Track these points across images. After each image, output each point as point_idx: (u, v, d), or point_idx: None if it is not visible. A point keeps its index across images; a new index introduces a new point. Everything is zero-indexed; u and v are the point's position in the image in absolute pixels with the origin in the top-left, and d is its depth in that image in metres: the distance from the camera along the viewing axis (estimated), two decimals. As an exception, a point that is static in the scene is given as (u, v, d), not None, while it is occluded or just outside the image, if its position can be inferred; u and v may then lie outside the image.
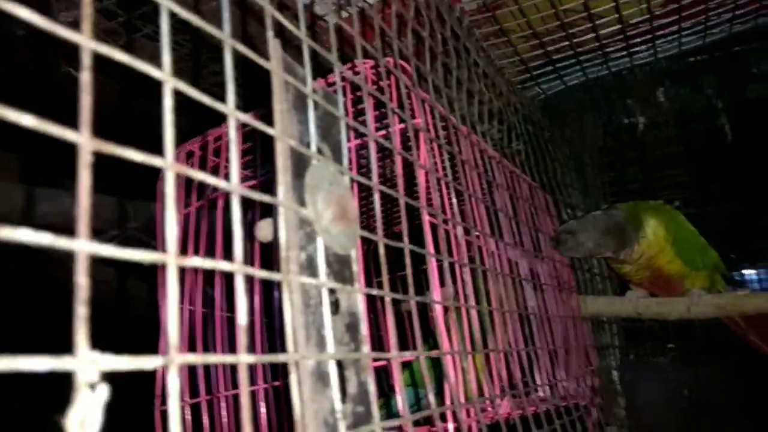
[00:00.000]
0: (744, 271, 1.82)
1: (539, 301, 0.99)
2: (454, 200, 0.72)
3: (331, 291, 0.42)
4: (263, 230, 0.44)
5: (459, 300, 0.70)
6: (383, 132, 0.75)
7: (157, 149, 0.28)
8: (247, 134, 0.83)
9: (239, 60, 0.35)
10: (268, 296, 0.91)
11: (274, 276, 0.35)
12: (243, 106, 0.88)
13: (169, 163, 0.28)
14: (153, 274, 0.80)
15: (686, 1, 1.27)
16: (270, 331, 0.89)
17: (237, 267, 0.32)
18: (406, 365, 1.18)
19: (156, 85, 0.30)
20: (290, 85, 0.42)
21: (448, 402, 0.63)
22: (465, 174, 0.80)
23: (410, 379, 1.16)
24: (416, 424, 0.66)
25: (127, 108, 1.32)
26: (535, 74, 1.57)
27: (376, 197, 0.51)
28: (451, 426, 0.59)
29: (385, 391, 1.09)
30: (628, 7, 1.28)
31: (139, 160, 0.27)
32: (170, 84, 0.30)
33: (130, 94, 1.32)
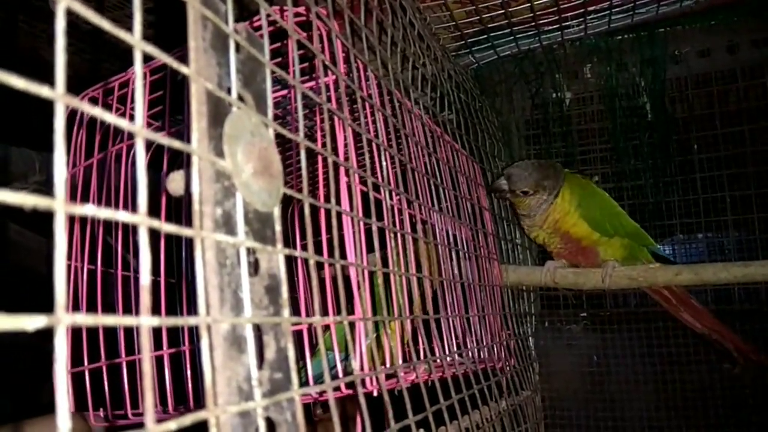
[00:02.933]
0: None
1: (470, 269, 0.99)
2: (387, 165, 0.70)
3: (251, 251, 0.39)
4: (175, 182, 0.40)
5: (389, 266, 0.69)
6: (311, 84, 0.72)
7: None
8: (159, 82, 0.77)
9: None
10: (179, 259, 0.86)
11: (184, 231, 0.32)
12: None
13: (59, 94, 0.24)
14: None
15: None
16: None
17: (140, 218, 0.29)
18: (326, 329, 1.16)
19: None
20: (209, 20, 0.38)
21: (365, 366, 0.62)
22: (403, 141, 0.78)
23: (329, 342, 1.15)
24: (337, 388, 0.65)
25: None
26: (470, 42, 1.56)
27: (303, 154, 0.48)
28: (361, 390, 0.58)
29: (300, 356, 1.07)
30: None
31: (20, 87, 0.23)
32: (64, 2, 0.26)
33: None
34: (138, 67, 0.30)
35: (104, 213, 0.26)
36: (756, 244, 1.60)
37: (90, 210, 0.25)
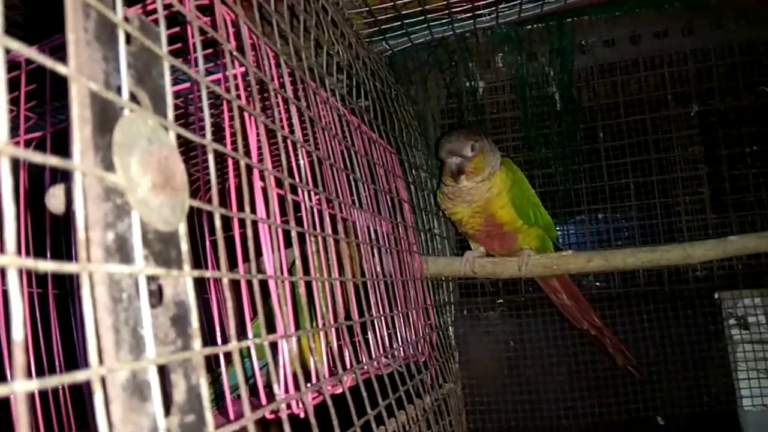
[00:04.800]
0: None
1: (392, 264, 0.97)
2: (304, 163, 0.65)
3: (152, 278, 0.34)
4: (55, 198, 0.34)
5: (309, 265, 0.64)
6: (217, 76, 0.65)
7: None
8: (36, 72, 0.67)
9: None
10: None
11: (65, 268, 0.26)
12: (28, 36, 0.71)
13: None
14: None
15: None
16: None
17: (7, 259, 0.23)
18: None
19: None
20: (92, 8, 0.31)
21: (289, 387, 0.58)
22: (320, 134, 0.73)
23: (245, 350, 1.09)
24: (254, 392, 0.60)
25: None
26: (383, 28, 1.52)
27: (211, 159, 0.43)
28: (285, 416, 0.54)
29: (213, 366, 1.00)
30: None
31: None
32: None
33: None
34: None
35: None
36: (658, 228, 1.69)
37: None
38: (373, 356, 0.81)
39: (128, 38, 0.35)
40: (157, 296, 0.34)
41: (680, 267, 1.58)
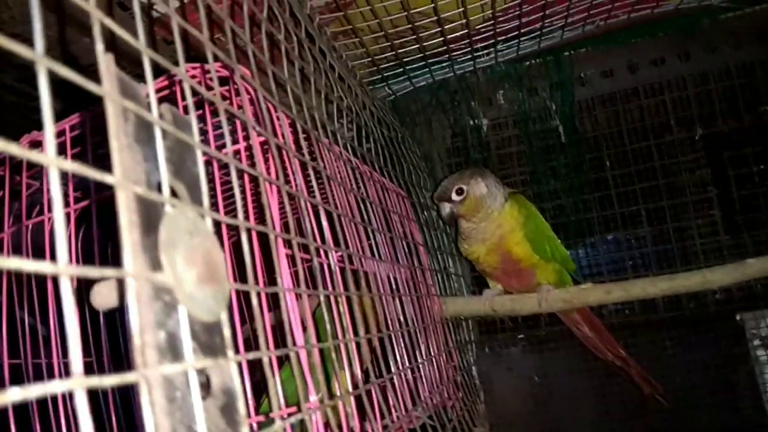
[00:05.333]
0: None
1: (413, 311, 0.97)
2: (325, 224, 0.66)
3: (200, 371, 0.34)
4: (101, 296, 0.34)
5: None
6: (236, 147, 0.67)
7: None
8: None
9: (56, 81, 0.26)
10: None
11: (126, 379, 0.26)
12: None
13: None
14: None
15: (526, 9, 1.33)
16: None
17: (76, 382, 0.23)
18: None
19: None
20: (130, 112, 0.33)
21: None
22: (333, 192, 0.74)
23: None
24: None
25: None
26: (386, 75, 1.55)
27: (244, 238, 0.44)
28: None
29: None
30: (475, 12, 1.31)
31: None
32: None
33: None
34: (55, 190, 0.25)
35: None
36: (672, 253, 1.68)
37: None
38: (403, 409, 0.80)
39: (164, 134, 0.36)
40: (205, 388, 0.35)
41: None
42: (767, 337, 1.57)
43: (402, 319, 0.92)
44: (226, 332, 0.37)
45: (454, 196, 1.30)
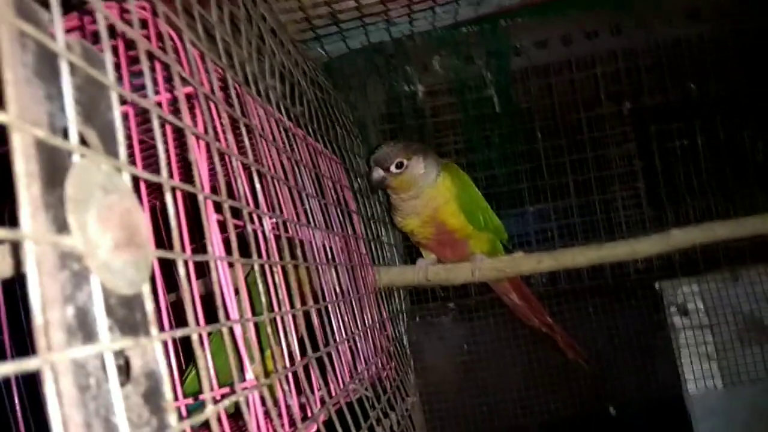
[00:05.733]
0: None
1: (349, 281, 0.93)
2: (283, 192, 0.60)
3: (119, 352, 0.29)
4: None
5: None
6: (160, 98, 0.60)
7: None
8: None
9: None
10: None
11: (26, 366, 0.21)
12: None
13: None
14: None
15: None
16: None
17: None
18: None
19: None
20: (29, 39, 0.26)
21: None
22: (266, 153, 0.69)
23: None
24: None
25: None
26: (319, 32, 1.48)
27: (169, 199, 0.38)
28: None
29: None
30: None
31: None
32: None
33: None
34: None
35: None
36: (598, 224, 1.73)
37: None
38: (341, 381, 0.77)
39: (72, 69, 0.30)
40: (124, 372, 0.30)
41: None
42: (682, 305, 1.65)
43: (338, 289, 0.88)
44: (149, 306, 0.32)
45: (393, 168, 1.26)
